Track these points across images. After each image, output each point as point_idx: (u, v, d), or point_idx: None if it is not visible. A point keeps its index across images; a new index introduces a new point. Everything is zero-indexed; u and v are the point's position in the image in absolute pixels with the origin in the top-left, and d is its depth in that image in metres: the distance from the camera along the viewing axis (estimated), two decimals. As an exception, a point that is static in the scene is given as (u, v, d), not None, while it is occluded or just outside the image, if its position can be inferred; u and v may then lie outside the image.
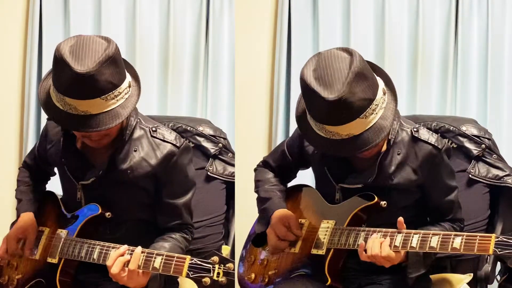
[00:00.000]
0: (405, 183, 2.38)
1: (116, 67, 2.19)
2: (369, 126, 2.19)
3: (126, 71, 2.28)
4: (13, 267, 2.49)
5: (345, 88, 2.12)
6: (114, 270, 2.16)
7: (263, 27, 3.81)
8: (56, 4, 3.71)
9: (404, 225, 2.25)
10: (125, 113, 2.22)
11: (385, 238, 2.24)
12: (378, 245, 2.23)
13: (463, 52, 3.69)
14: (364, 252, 2.25)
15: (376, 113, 2.20)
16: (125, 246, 2.22)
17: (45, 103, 2.27)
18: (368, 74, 2.19)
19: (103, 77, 2.15)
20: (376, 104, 2.19)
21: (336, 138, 2.20)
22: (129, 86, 2.27)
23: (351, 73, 2.14)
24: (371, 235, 2.28)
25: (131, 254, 2.19)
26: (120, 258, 2.18)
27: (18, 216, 2.50)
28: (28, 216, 2.47)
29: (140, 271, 2.17)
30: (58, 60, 2.16)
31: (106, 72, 2.15)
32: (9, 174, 3.46)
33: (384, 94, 2.24)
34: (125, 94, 2.24)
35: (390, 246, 2.23)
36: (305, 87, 2.18)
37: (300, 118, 2.33)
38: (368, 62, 2.25)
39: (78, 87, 2.15)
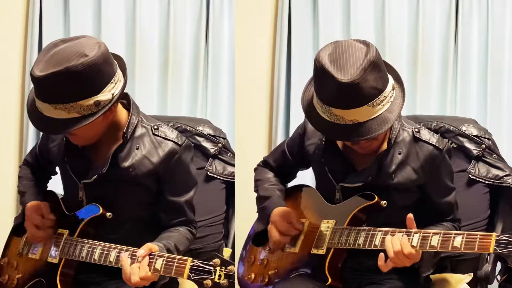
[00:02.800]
0: (406, 183, 2.38)
1: (76, 83, 2.15)
2: (375, 116, 2.20)
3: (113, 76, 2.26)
4: (13, 267, 2.49)
5: (359, 73, 2.15)
6: (135, 278, 2.15)
7: (263, 27, 3.81)
8: (56, 4, 3.71)
9: (414, 222, 2.24)
10: (77, 126, 2.20)
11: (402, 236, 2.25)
12: (398, 243, 2.22)
13: (463, 52, 3.69)
14: (384, 262, 2.23)
15: (383, 105, 2.22)
16: (127, 254, 2.21)
17: (29, 112, 2.29)
18: (382, 66, 2.22)
19: (59, 87, 2.15)
20: (384, 96, 2.21)
21: (340, 122, 2.21)
22: (96, 105, 2.21)
23: (366, 60, 2.17)
24: (374, 241, 2.28)
25: (134, 256, 2.19)
26: (134, 265, 2.17)
27: (23, 208, 2.49)
28: (34, 202, 2.46)
29: (150, 273, 2.16)
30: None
31: (58, 83, 2.14)
32: (9, 174, 3.46)
33: (393, 89, 2.26)
34: (86, 110, 2.20)
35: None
36: (319, 68, 2.20)
37: (306, 100, 2.34)
38: None
39: (39, 90, 2.19)
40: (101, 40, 2.25)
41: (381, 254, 2.24)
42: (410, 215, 2.24)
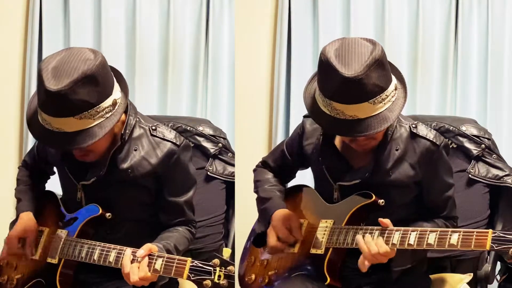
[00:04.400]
0: (403, 179, 2.38)
1: (95, 85, 2.15)
2: (375, 113, 2.21)
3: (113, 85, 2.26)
4: (12, 267, 2.49)
5: (363, 69, 2.15)
6: (134, 278, 2.15)
7: (263, 27, 3.81)
8: (56, 4, 3.72)
9: (386, 223, 2.24)
10: (101, 133, 2.18)
11: (382, 236, 2.25)
12: (373, 243, 2.23)
13: (463, 52, 3.70)
14: (365, 262, 2.24)
15: (385, 104, 2.22)
16: (130, 252, 2.21)
17: (31, 117, 2.28)
18: (386, 65, 2.23)
19: (77, 97, 2.12)
20: (386, 95, 2.21)
21: (340, 117, 2.21)
22: (114, 105, 2.22)
23: (371, 57, 2.17)
24: (364, 238, 2.28)
25: (135, 256, 2.19)
26: (133, 265, 2.17)
27: (17, 215, 2.50)
28: (27, 216, 2.47)
29: (149, 273, 2.16)
30: (38, 75, 2.16)
31: (81, 92, 2.12)
32: (9, 174, 3.46)
33: (395, 89, 2.26)
34: (107, 113, 2.20)
35: (388, 244, 2.23)
36: (324, 61, 2.21)
37: (309, 94, 2.35)
38: None
39: (51, 104, 2.14)
40: None
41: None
42: (381, 220, 2.24)
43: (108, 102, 2.21)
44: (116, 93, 2.25)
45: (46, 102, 2.15)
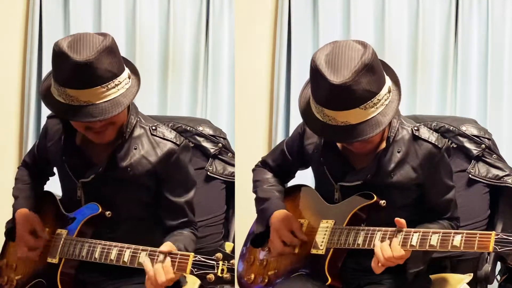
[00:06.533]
0: (405, 181, 2.38)
1: (113, 57, 2.22)
2: (367, 119, 2.20)
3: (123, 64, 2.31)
4: (12, 268, 2.49)
5: (351, 76, 2.15)
6: (162, 279, 2.13)
7: (263, 27, 3.82)
8: (56, 4, 3.72)
9: (402, 222, 2.25)
10: (126, 102, 2.25)
11: (390, 240, 2.24)
12: (388, 247, 2.22)
13: (463, 52, 3.70)
14: (378, 264, 2.24)
15: (377, 108, 2.21)
16: (146, 255, 2.21)
17: (45, 97, 2.30)
18: (377, 68, 2.21)
19: (103, 66, 2.18)
20: (378, 99, 2.20)
21: (332, 123, 2.21)
22: (129, 77, 2.30)
23: (360, 63, 2.16)
24: (374, 240, 2.28)
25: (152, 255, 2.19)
26: (157, 266, 2.16)
27: (13, 213, 2.49)
28: (23, 211, 2.46)
29: (173, 274, 2.15)
30: (58, 54, 2.20)
31: (105, 61, 2.19)
32: (9, 174, 3.46)
33: (389, 92, 2.26)
34: (126, 84, 2.27)
35: (390, 245, 2.24)
36: (314, 68, 2.21)
37: (304, 99, 2.35)
38: (381, 61, 2.28)
39: (78, 77, 2.18)
40: None
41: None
42: (397, 219, 2.24)
43: (125, 74, 2.27)
44: (126, 68, 2.31)
45: (76, 74, 2.18)
